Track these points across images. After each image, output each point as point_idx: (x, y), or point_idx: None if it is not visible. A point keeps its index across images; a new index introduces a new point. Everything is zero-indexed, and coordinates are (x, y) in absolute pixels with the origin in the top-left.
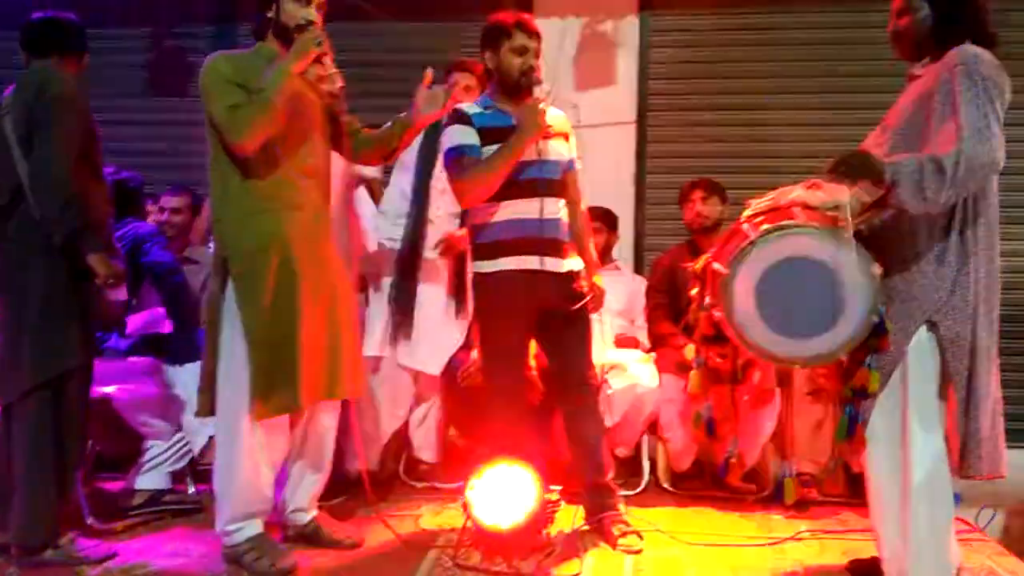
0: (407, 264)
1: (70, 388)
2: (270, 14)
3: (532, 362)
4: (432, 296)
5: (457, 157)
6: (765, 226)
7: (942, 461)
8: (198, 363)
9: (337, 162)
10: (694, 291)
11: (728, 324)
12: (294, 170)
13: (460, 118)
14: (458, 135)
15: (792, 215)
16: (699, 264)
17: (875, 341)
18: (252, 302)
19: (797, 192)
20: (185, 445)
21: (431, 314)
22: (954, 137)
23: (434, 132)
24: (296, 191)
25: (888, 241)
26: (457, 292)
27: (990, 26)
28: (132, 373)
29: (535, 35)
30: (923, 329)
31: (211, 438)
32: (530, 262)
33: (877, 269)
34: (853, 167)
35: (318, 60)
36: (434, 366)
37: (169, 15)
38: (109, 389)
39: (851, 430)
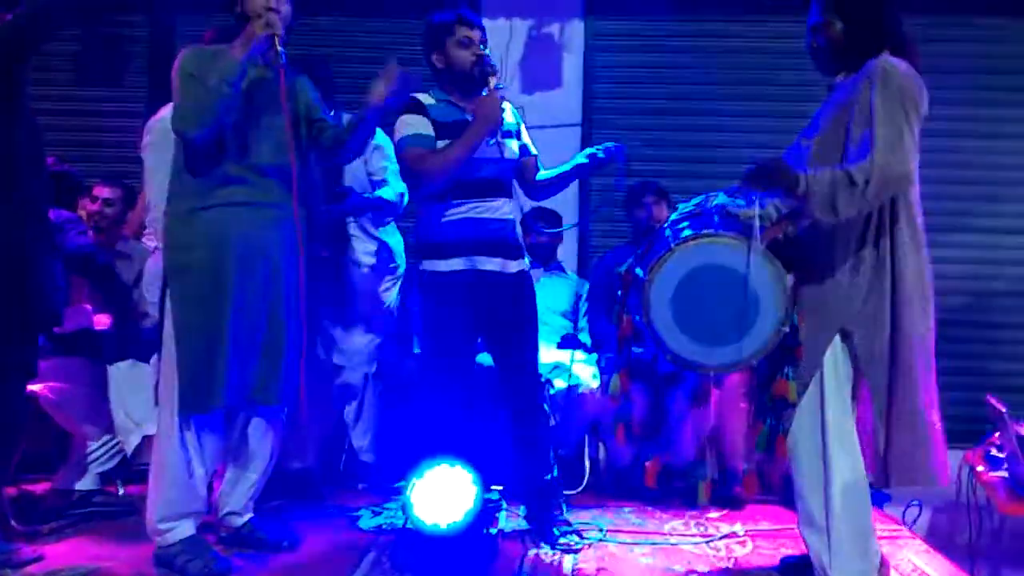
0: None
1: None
2: (237, 9)
3: None
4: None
5: (411, 146)
6: (685, 232)
7: (858, 471)
8: (130, 361)
9: None
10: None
11: (645, 327)
12: (248, 168)
13: (416, 108)
14: (412, 125)
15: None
16: (624, 267)
17: (789, 351)
18: (181, 297)
19: (720, 198)
20: (116, 446)
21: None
22: (869, 149)
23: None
24: (247, 189)
25: (804, 251)
26: None
27: (904, 33)
28: (60, 372)
29: (476, 26)
30: (837, 339)
31: (145, 438)
32: (485, 263)
33: (789, 280)
34: (768, 174)
35: (272, 45)
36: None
37: (105, 2)
38: (36, 387)
39: (772, 440)
